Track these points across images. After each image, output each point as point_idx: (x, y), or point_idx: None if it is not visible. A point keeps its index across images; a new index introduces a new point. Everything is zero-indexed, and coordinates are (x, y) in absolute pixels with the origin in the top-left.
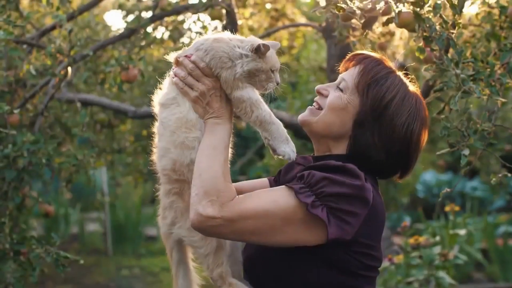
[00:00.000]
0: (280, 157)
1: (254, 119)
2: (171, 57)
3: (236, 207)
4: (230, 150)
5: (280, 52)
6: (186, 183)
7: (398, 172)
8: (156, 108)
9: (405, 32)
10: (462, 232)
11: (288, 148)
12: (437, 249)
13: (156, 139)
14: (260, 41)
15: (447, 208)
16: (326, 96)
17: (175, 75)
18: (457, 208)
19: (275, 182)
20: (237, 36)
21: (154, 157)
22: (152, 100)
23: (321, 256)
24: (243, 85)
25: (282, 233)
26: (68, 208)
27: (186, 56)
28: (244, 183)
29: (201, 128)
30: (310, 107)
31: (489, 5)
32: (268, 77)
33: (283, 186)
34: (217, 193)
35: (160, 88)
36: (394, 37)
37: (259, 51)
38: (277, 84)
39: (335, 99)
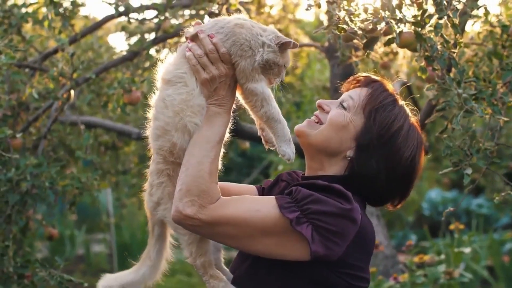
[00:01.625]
0: (280, 155)
1: (262, 113)
2: (189, 31)
3: (216, 211)
4: (226, 135)
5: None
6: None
7: (390, 200)
8: (158, 83)
9: (408, 52)
10: (467, 250)
11: (289, 149)
12: (442, 268)
13: (151, 114)
14: (279, 34)
15: (451, 226)
16: (327, 112)
17: (190, 50)
18: (461, 226)
19: (259, 193)
20: (258, 24)
21: (148, 133)
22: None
23: (309, 276)
24: (259, 77)
25: (260, 243)
26: (74, 230)
27: (208, 35)
28: (232, 185)
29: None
30: (308, 119)
31: (491, 24)
32: (278, 72)
33: (271, 197)
34: (199, 193)
35: (162, 62)
36: (398, 57)
37: (285, 47)
38: (281, 81)
39: (338, 116)
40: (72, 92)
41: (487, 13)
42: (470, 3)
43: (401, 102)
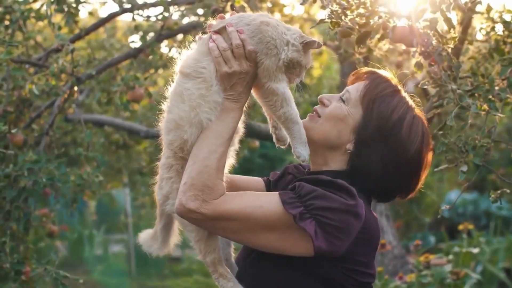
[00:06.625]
0: (295, 156)
1: (280, 114)
2: (214, 24)
3: (219, 206)
4: (240, 130)
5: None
6: None
7: (396, 196)
8: (177, 75)
9: None
10: (475, 250)
11: (304, 151)
12: (448, 267)
13: (166, 106)
14: (303, 33)
15: (460, 227)
16: (327, 106)
17: (214, 42)
18: (470, 227)
19: (266, 185)
20: (282, 22)
21: (161, 125)
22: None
23: (313, 272)
24: (282, 77)
25: (263, 238)
26: (93, 230)
27: (237, 30)
28: (239, 178)
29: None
30: (310, 114)
31: (493, 20)
32: (299, 72)
33: (274, 193)
34: (203, 188)
35: (181, 54)
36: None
37: (309, 46)
38: (300, 81)
39: (335, 109)
40: (75, 88)
41: (489, 9)
42: None
43: (404, 93)
